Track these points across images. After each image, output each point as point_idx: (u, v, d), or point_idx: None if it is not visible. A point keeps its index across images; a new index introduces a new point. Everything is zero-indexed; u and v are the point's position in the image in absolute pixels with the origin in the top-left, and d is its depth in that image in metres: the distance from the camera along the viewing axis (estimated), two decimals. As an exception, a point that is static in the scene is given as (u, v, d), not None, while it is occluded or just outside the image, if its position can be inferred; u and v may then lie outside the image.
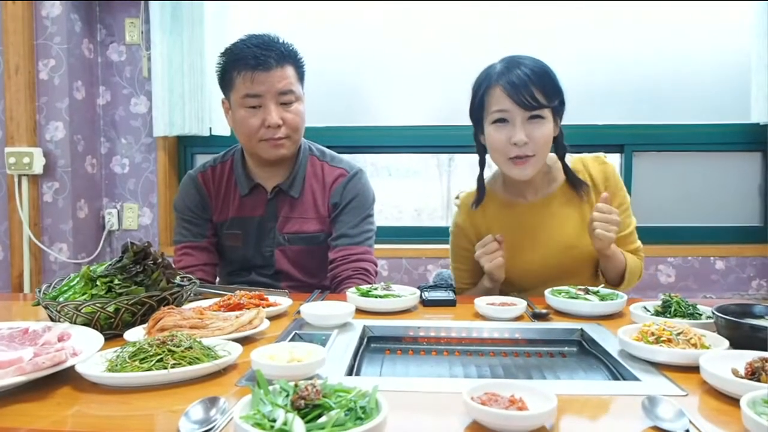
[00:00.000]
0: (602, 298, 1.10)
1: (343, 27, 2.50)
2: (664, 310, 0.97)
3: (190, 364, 0.73)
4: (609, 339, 0.92)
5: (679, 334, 0.78)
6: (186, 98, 2.37)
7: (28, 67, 2.32)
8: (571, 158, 1.40)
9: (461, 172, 1.35)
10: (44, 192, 2.39)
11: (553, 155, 1.39)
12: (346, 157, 1.54)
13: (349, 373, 0.80)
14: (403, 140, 2.54)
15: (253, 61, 1.31)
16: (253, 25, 2.54)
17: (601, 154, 1.41)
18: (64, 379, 0.73)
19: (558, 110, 1.29)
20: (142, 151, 2.56)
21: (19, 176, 2.34)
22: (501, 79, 1.25)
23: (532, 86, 1.22)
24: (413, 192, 2.68)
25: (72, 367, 0.73)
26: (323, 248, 1.45)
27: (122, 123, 2.56)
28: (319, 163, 1.49)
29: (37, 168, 2.32)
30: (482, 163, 1.40)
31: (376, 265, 1.45)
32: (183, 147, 2.60)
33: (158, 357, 0.73)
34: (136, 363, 0.72)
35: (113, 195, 2.59)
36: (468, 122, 1.37)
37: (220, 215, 1.49)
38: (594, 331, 0.97)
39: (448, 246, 1.55)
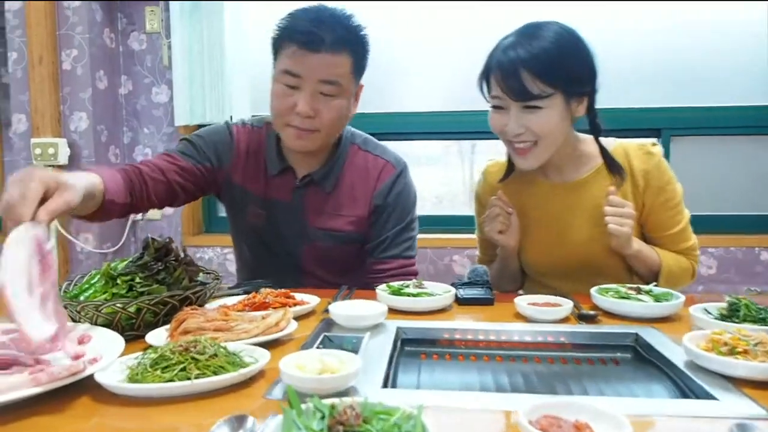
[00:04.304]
0: (656, 298, 1.00)
1: (360, 12, 2.41)
2: (731, 314, 0.87)
3: (214, 373, 0.68)
4: (669, 346, 0.83)
5: (756, 344, 0.69)
6: (206, 87, 2.33)
7: (51, 57, 2.30)
8: (611, 143, 1.26)
9: (484, 159, 1.28)
10: (69, 183, 2.39)
11: (587, 136, 1.26)
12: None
13: (385, 384, 0.73)
14: (422, 126, 2.46)
15: (302, 36, 1.13)
16: (272, 13, 2.47)
17: (648, 142, 1.25)
18: (82, 388, 0.69)
19: (570, 92, 1.12)
20: (164, 141, 2.54)
21: (45, 167, 2.34)
22: (497, 60, 1.12)
23: (525, 72, 1.07)
24: (434, 179, 2.59)
25: (91, 376, 0.68)
26: (355, 248, 1.34)
27: (144, 112, 2.54)
28: (362, 153, 1.32)
29: (62, 158, 2.32)
30: None
31: (417, 275, 1.33)
32: (205, 136, 2.57)
33: (181, 365, 0.68)
34: (158, 372, 0.67)
35: (137, 186, 2.57)
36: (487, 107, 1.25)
37: (242, 179, 1.32)
38: (650, 335, 0.88)
39: (472, 236, 1.47)
